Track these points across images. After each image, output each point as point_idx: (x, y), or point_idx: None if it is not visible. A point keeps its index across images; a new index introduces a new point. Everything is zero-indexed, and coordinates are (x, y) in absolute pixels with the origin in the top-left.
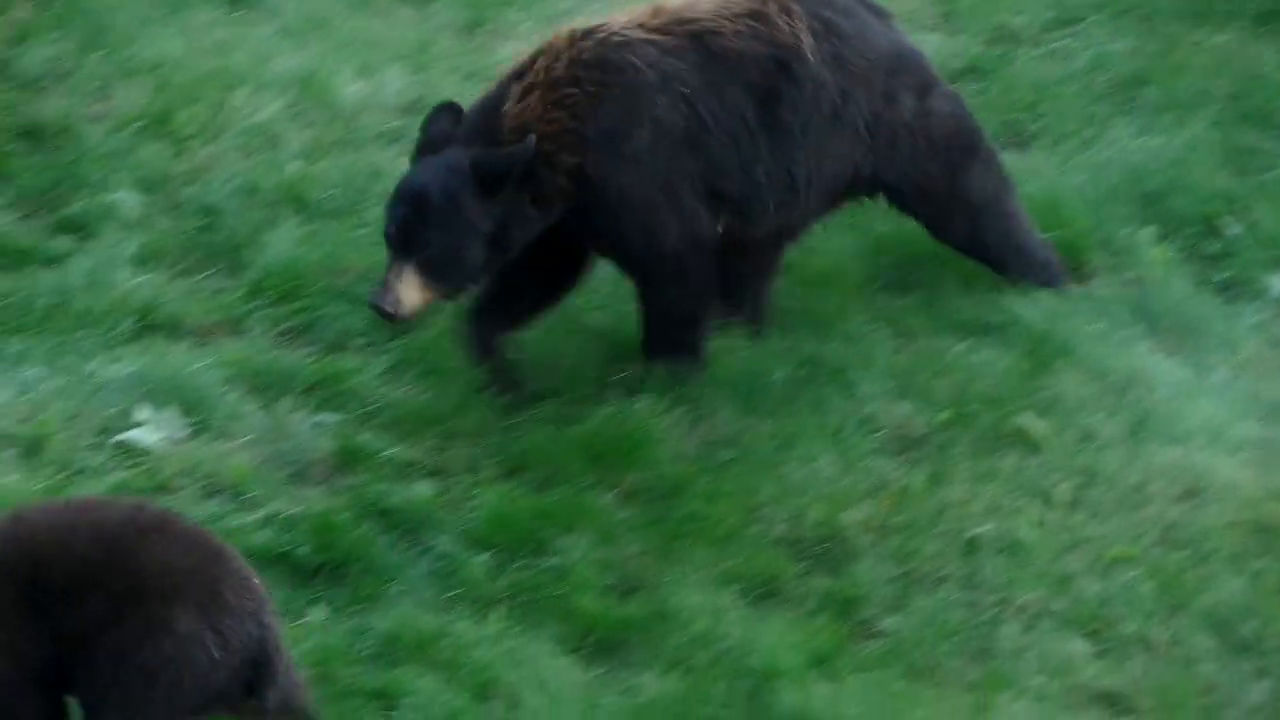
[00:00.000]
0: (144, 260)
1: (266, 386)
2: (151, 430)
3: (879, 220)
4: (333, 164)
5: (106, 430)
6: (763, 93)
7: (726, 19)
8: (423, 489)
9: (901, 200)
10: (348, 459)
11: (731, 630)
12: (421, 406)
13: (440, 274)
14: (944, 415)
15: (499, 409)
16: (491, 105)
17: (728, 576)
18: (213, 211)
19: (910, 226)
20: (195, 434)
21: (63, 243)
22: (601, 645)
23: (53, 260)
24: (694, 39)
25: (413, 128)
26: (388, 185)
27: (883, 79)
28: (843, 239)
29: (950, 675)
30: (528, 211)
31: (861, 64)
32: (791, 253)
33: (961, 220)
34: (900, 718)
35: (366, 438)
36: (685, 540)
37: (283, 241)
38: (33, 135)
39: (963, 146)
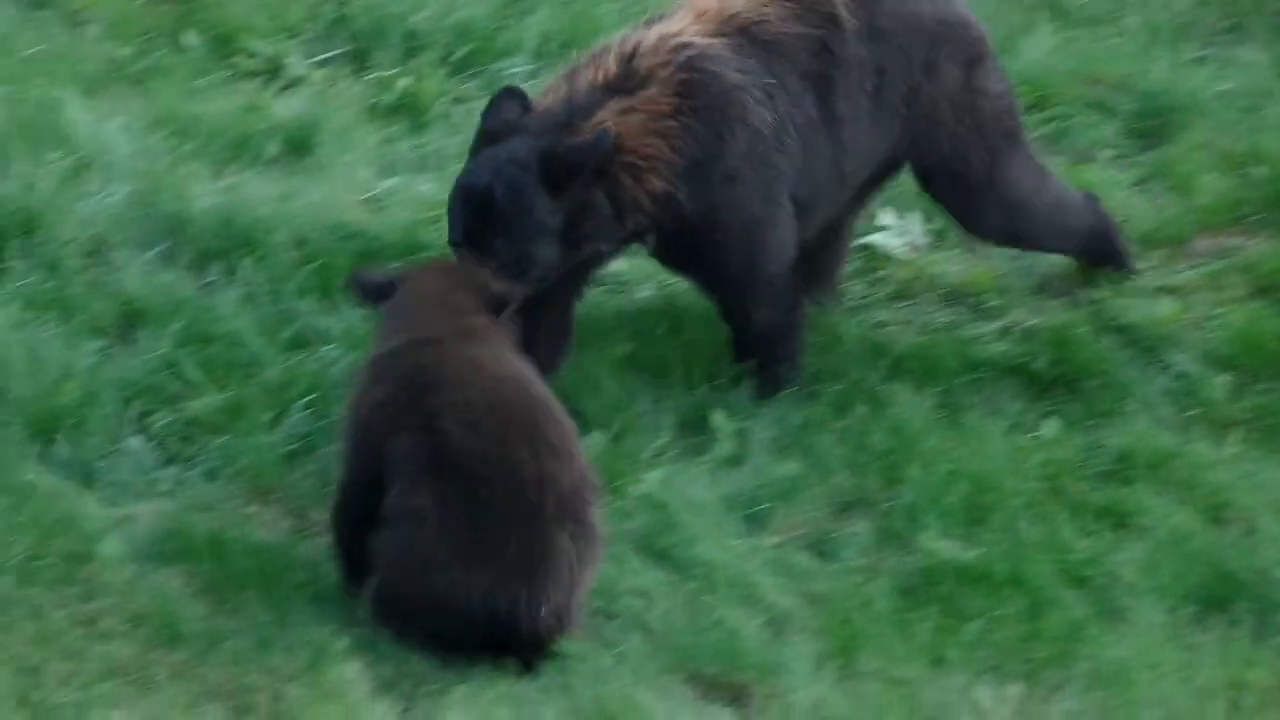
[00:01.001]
0: None
1: None
2: (894, 235)
3: None
4: None
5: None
6: (816, 80)
7: (764, 4)
8: (1163, 306)
9: (935, 187)
10: (1088, 273)
11: None
12: (1166, 221)
13: (513, 276)
14: None
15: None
16: (579, 111)
17: None
18: None
19: None
20: (937, 242)
21: None
22: None
23: None
24: (744, 33)
25: None
26: None
27: (924, 49)
28: None
29: None
30: (603, 209)
31: (900, 32)
32: None
33: (996, 213)
34: None
35: None
36: None
37: (1036, 49)
38: None
39: (1007, 131)
